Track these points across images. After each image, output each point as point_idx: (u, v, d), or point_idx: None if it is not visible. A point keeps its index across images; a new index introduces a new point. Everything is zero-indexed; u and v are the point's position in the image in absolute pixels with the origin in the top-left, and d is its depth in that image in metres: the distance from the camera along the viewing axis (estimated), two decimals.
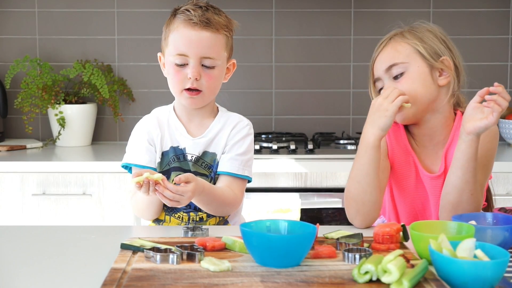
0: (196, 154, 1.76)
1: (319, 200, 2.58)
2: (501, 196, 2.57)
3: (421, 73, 1.67)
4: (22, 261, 1.34)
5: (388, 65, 1.69)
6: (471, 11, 3.14)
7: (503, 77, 3.18)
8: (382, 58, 1.72)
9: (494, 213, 1.49)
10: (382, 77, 1.72)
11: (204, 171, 1.76)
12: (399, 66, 1.68)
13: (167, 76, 1.77)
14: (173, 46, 1.71)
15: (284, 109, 3.20)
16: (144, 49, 3.16)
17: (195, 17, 1.69)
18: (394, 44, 1.71)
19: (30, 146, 2.95)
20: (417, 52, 1.68)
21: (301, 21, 3.17)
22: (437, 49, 1.69)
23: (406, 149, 1.74)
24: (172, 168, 1.75)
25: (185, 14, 1.70)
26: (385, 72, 1.70)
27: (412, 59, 1.68)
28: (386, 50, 1.72)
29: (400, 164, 1.74)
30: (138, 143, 1.77)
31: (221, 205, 1.70)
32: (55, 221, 2.59)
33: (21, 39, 3.16)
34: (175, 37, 1.71)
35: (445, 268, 1.15)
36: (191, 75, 1.69)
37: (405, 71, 1.68)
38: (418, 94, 1.67)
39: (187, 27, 1.70)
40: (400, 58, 1.69)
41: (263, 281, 1.17)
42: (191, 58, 1.70)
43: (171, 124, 1.79)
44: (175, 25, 1.72)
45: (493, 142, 1.68)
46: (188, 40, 1.69)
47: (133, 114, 3.18)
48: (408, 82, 1.67)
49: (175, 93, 1.75)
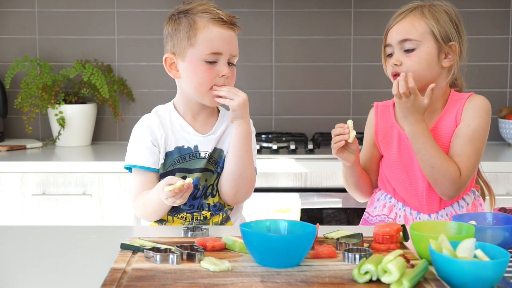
0: (209, 150, 1.77)
1: (319, 200, 2.58)
2: (501, 196, 2.56)
3: (430, 54, 1.78)
4: (22, 261, 1.34)
5: (403, 38, 1.79)
6: (471, 11, 3.14)
7: (503, 77, 3.18)
8: (399, 29, 1.81)
9: (494, 213, 1.49)
10: (394, 46, 1.81)
11: (212, 167, 1.77)
12: (412, 42, 1.78)
13: (189, 76, 1.73)
14: (206, 45, 1.70)
15: (284, 109, 3.20)
16: (144, 49, 3.16)
17: (223, 16, 1.72)
18: (413, 19, 1.80)
19: (30, 146, 2.95)
20: (431, 33, 1.78)
21: (301, 21, 3.17)
22: (449, 33, 1.80)
23: (391, 124, 1.87)
24: (177, 169, 1.75)
25: (211, 13, 1.72)
26: (398, 43, 1.80)
27: (425, 38, 1.78)
28: (404, 23, 1.80)
29: (384, 139, 1.89)
30: (142, 143, 1.76)
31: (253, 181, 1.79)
32: (55, 221, 2.59)
33: (21, 39, 3.17)
34: (208, 36, 1.70)
35: (445, 268, 1.15)
36: (226, 73, 1.72)
37: (416, 48, 1.78)
38: (422, 72, 1.78)
39: (218, 26, 1.71)
40: (415, 35, 1.78)
41: (263, 281, 1.17)
42: (223, 56, 1.72)
43: (175, 124, 1.79)
44: (202, 24, 1.71)
45: (484, 117, 1.78)
46: (222, 38, 1.71)
47: (133, 114, 3.18)
48: (416, 60, 1.78)
49: (201, 91, 1.73)
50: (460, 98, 1.82)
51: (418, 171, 1.81)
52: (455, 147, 1.77)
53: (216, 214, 1.77)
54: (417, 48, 1.78)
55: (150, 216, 1.76)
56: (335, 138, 1.79)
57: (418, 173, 1.81)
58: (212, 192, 1.77)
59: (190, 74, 1.73)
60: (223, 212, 1.79)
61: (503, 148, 2.95)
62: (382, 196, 1.90)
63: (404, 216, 1.84)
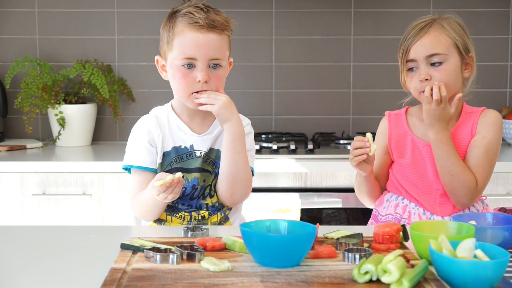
0: (204, 150, 1.77)
1: (319, 200, 2.58)
2: (501, 196, 2.57)
3: (456, 66, 1.83)
4: (22, 261, 1.34)
5: (430, 53, 1.82)
6: (471, 11, 3.14)
7: (503, 77, 3.18)
8: (425, 44, 1.82)
9: (494, 213, 1.49)
10: (420, 61, 1.83)
11: (209, 167, 1.77)
12: (440, 56, 1.81)
13: (171, 80, 1.75)
14: (179, 50, 1.69)
15: (284, 109, 3.20)
16: (144, 49, 3.16)
17: (201, 19, 1.68)
18: (436, 33, 1.83)
19: (30, 146, 2.95)
20: (455, 45, 1.83)
21: (301, 21, 3.17)
22: (468, 45, 1.86)
23: (404, 131, 1.92)
24: (174, 168, 1.75)
25: (188, 17, 1.69)
26: (425, 58, 1.82)
27: (451, 52, 1.83)
28: (429, 37, 1.83)
29: (398, 146, 1.92)
30: (139, 144, 1.76)
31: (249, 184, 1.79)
32: (55, 221, 2.59)
33: (21, 39, 3.16)
34: (182, 41, 1.69)
35: (445, 268, 1.15)
36: (201, 79, 1.69)
37: (444, 62, 1.82)
38: (451, 84, 1.82)
39: (193, 30, 1.68)
40: (442, 49, 1.82)
41: (263, 281, 1.17)
42: (199, 61, 1.69)
43: (172, 124, 1.79)
44: (180, 29, 1.70)
45: (498, 131, 1.86)
46: (196, 43, 1.68)
47: (133, 114, 3.18)
48: (445, 73, 1.82)
49: (182, 97, 1.73)
50: (473, 111, 1.87)
51: (432, 177, 1.85)
52: (471, 158, 1.82)
53: (215, 214, 1.77)
54: (444, 62, 1.81)
55: (147, 215, 1.76)
56: (354, 151, 1.79)
57: (432, 180, 1.85)
58: (210, 193, 1.77)
59: (171, 78, 1.75)
60: (221, 212, 1.79)
61: (503, 148, 2.95)
62: (393, 197, 1.92)
63: (418, 215, 1.87)
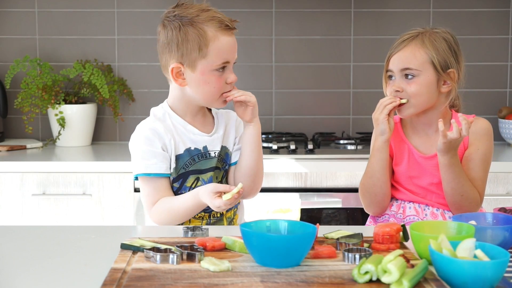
0: (218, 149, 1.79)
1: (319, 200, 2.58)
2: (501, 196, 2.57)
3: (429, 82, 1.85)
4: (22, 261, 1.34)
5: (404, 67, 1.86)
6: (471, 11, 3.14)
7: (503, 77, 3.18)
8: (400, 57, 1.87)
9: (494, 213, 1.49)
10: (395, 73, 1.88)
11: (220, 165, 1.80)
12: (412, 71, 1.85)
13: (198, 86, 1.71)
14: (218, 56, 1.69)
15: (284, 109, 3.20)
16: (144, 49, 3.16)
17: (227, 21, 1.70)
18: (414, 48, 1.86)
19: (30, 146, 2.95)
20: (431, 62, 1.85)
21: (301, 21, 3.17)
22: (448, 62, 1.86)
23: (401, 139, 1.95)
24: (190, 171, 1.76)
25: (216, 21, 1.69)
26: (399, 71, 1.87)
27: (425, 68, 1.85)
28: (405, 52, 1.86)
29: (396, 152, 1.95)
30: (152, 150, 1.72)
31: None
32: (55, 221, 2.59)
33: (21, 39, 3.16)
34: (218, 46, 1.68)
35: (445, 268, 1.15)
36: (234, 79, 1.73)
37: (416, 76, 1.85)
38: (422, 98, 1.86)
39: (225, 34, 1.70)
40: (415, 64, 1.85)
41: (263, 281, 1.17)
42: (230, 63, 1.73)
43: (178, 126, 1.77)
44: (212, 34, 1.68)
45: (490, 140, 1.90)
46: (231, 46, 1.71)
47: (133, 114, 3.18)
48: (416, 87, 1.85)
49: (211, 99, 1.74)
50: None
51: (427, 187, 1.89)
52: (468, 171, 1.85)
53: (229, 210, 1.81)
54: (417, 77, 1.85)
55: (175, 222, 1.74)
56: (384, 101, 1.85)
57: (426, 189, 1.90)
58: None
59: (201, 84, 1.71)
60: (234, 207, 1.83)
61: (503, 148, 2.95)
62: (396, 202, 1.94)
63: (414, 208, 1.91)
